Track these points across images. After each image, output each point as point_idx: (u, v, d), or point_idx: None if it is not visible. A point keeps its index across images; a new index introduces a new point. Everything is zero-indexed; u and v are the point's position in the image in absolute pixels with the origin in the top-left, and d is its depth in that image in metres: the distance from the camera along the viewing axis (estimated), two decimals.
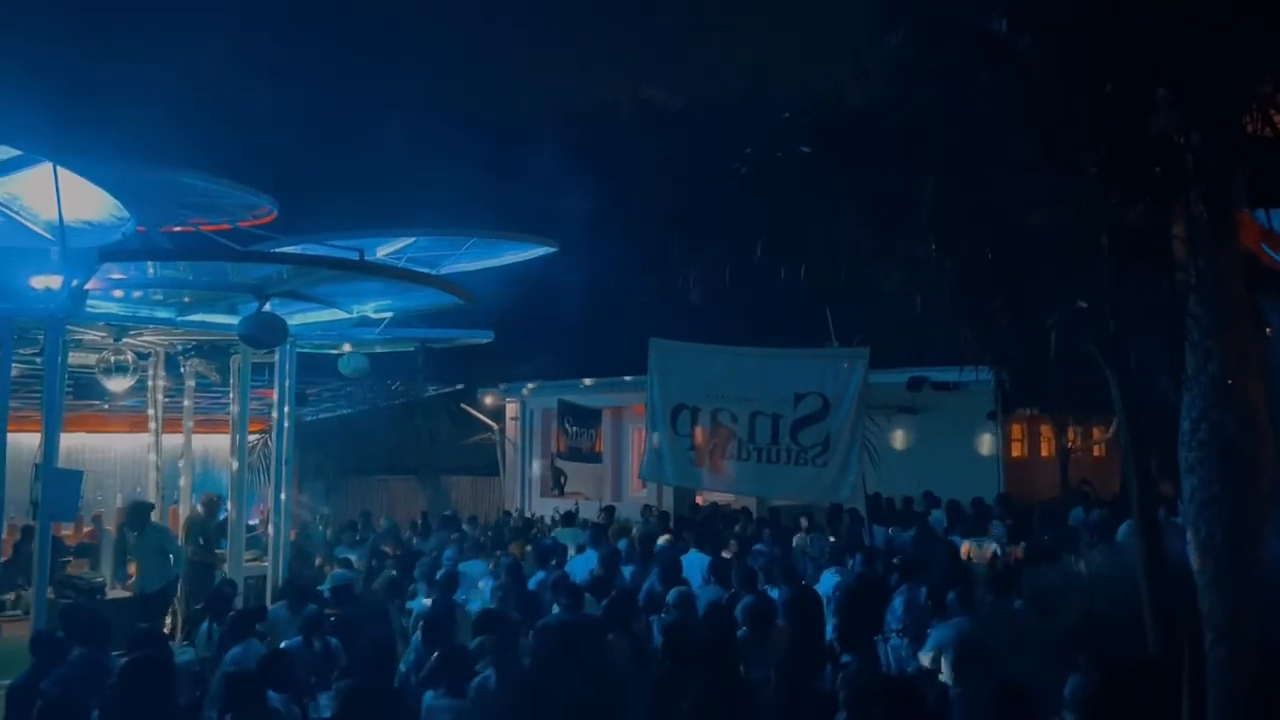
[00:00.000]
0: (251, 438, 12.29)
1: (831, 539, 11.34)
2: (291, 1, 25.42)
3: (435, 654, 6.42)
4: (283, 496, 10.68)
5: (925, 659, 7.00)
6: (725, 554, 10.07)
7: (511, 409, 21.78)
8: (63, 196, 7.44)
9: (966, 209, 5.08)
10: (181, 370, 10.97)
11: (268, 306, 8.70)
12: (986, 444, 16.07)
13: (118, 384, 10.34)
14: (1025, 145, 4.95)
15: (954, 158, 5.00)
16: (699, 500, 17.30)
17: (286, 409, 10.69)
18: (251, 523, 12.25)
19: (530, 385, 20.70)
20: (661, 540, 10.98)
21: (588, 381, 19.10)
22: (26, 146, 6.77)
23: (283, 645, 7.14)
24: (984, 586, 8.04)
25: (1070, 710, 5.42)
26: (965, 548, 11.00)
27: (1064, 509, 13.56)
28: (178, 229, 10.26)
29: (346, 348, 11.01)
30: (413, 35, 27.08)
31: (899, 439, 15.54)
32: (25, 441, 9.32)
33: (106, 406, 12.94)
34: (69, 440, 9.07)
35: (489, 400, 21.48)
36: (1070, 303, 5.15)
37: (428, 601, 8.79)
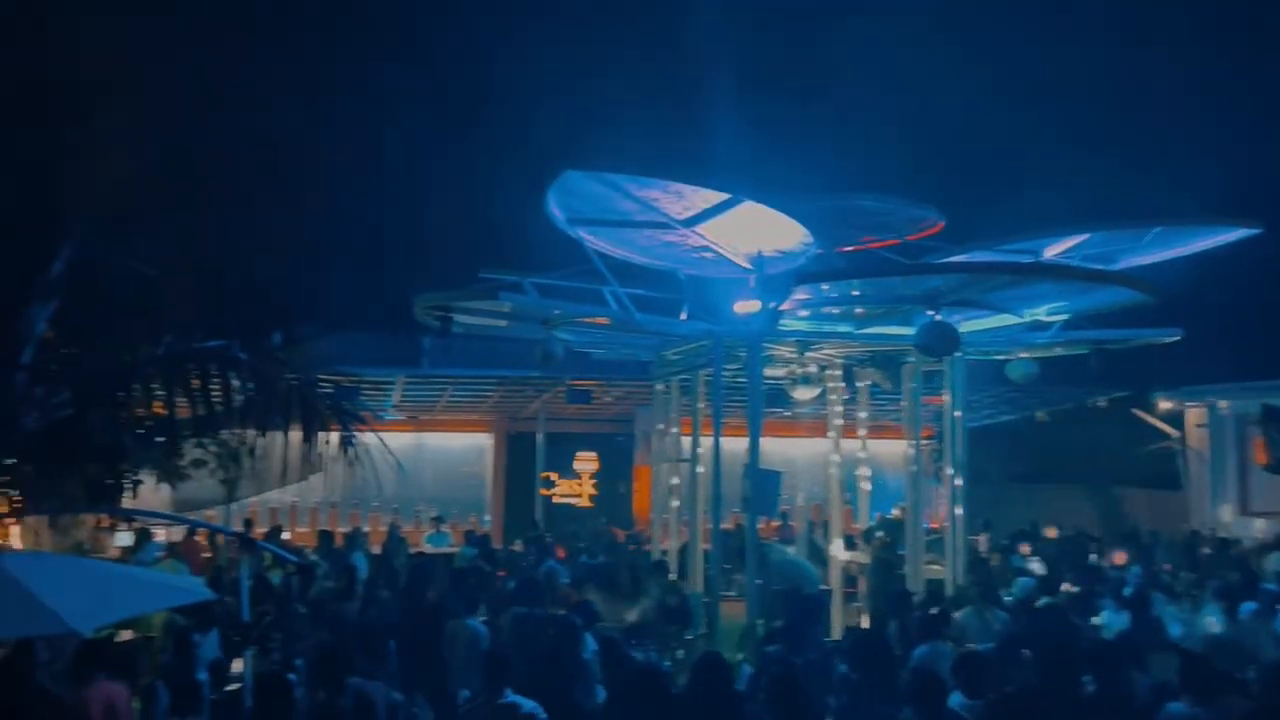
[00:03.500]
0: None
1: None
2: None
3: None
4: (957, 502, 10.81)
5: None
6: None
7: (1195, 415, 19.44)
8: (759, 229, 8.48)
9: None
10: (856, 380, 11.71)
11: (939, 316, 8.91)
12: None
13: (803, 394, 11.42)
14: None
15: None
16: None
17: (957, 414, 10.82)
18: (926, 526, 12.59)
19: (1221, 388, 18.26)
20: None
21: None
22: (736, 190, 7.80)
23: (972, 648, 7.19)
24: None
25: None
26: None
27: None
28: (849, 248, 10.96)
29: (1022, 354, 10.78)
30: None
31: None
32: (728, 446, 10.69)
33: (789, 414, 14.44)
34: (762, 445, 10.26)
35: (1164, 405, 19.44)
36: None
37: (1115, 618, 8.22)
